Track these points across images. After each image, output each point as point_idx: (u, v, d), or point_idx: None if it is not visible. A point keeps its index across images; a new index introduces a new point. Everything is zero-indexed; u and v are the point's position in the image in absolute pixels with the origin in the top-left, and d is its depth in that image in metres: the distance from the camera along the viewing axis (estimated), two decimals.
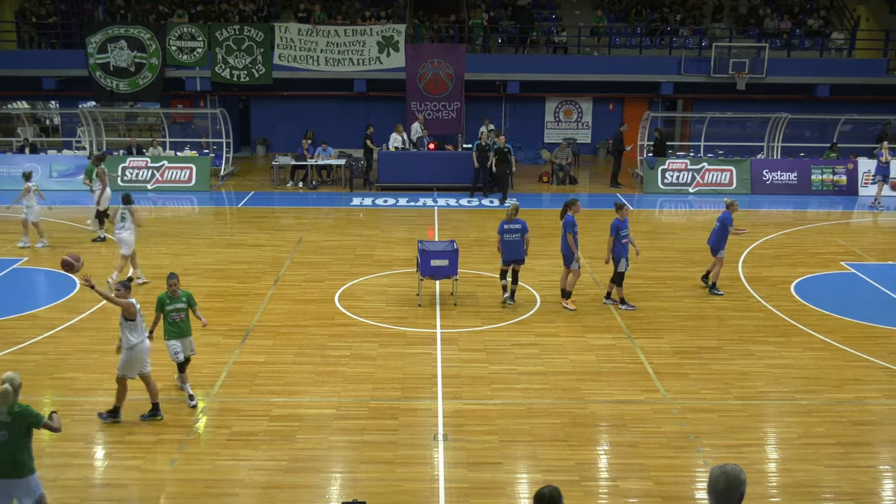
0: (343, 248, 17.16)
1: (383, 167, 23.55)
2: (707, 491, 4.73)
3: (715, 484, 4.66)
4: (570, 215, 13.31)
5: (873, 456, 9.11)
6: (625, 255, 13.25)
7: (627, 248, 13.29)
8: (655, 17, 30.21)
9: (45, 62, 27.39)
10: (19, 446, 6.82)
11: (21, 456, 6.83)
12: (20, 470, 6.81)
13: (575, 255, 13.24)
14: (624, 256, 13.25)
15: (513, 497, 8.24)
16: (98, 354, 11.43)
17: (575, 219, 13.33)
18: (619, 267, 13.33)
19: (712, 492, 4.67)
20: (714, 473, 4.69)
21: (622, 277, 13.46)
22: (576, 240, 13.23)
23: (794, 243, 17.86)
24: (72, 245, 16.97)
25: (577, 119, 29.90)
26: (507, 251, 13.42)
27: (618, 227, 13.20)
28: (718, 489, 4.64)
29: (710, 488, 4.69)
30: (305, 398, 10.22)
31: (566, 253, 13.40)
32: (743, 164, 23.67)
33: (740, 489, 4.65)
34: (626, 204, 13.84)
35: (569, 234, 13.20)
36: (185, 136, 27.91)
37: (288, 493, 8.17)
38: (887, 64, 28.00)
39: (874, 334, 12.61)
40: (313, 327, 12.56)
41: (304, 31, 26.91)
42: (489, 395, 10.36)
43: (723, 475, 4.65)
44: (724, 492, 4.63)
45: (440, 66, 26.69)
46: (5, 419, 6.82)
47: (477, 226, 19.46)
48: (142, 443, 9.06)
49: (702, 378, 10.93)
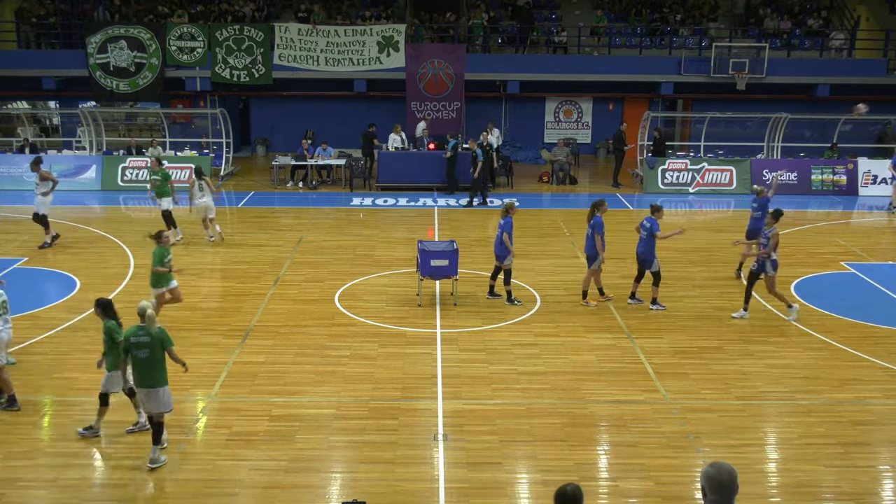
0: (343, 248, 17.16)
1: (383, 167, 23.56)
2: (708, 489, 4.66)
3: (718, 479, 4.62)
4: (599, 216, 13.47)
5: (873, 456, 9.11)
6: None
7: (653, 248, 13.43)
8: (655, 17, 30.21)
9: (45, 62, 27.39)
10: (158, 362, 8.41)
11: (158, 370, 8.42)
12: (157, 381, 8.41)
13: (600, 255, 13.38)
14: (656, 257, 13.43)
15: (513, 497, 8.24)
16: (98, 354, 11.40)
17: (603, 219, 13.47)
18: (654, 267, 13.42)
19: (718, 487, 4.61)
20: (711, 472, 4.65)
21: (659, 276, 13.58)
22: (602, 241, 13.36)
23: (794, 243, 17.85)
24: (71, 245, 16.97)
25: (577, 119, 29.90)
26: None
27: (651, 228, 13.32)
28: (724, 482, 4.60)
29: (712, 485, 4.63)
30: (305, 398, 10.22)
31: (591, 253, 13.54)
32: (743, 164, 23.67)
33: (737, 481, 4.65)
34: (661, 206, 13.80)
35: (598, 235, 13.30)
36: (185, 136, 27.92)
37: (288, 493, 8.17)
38: (887, 64, 27.99)
39: (874, 334, 12.61)
40: (313, 327, 12.56)
41: (304, 31, 26.91)
42: (489, 395, 10.36)
43: (723, 470, 4.63)
44: (729, 485, 4.61)
45: (440, 66, 26.70)
46: (147, 339, 8.35)
47: (477, 226, 19.46)
48: (142, 443, 9.06)
49: (702, 378, 10.93)
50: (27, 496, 8.11)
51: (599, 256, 13.34)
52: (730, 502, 4.63)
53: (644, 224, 13.38)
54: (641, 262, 13.51)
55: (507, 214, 13.51)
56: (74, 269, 15.25)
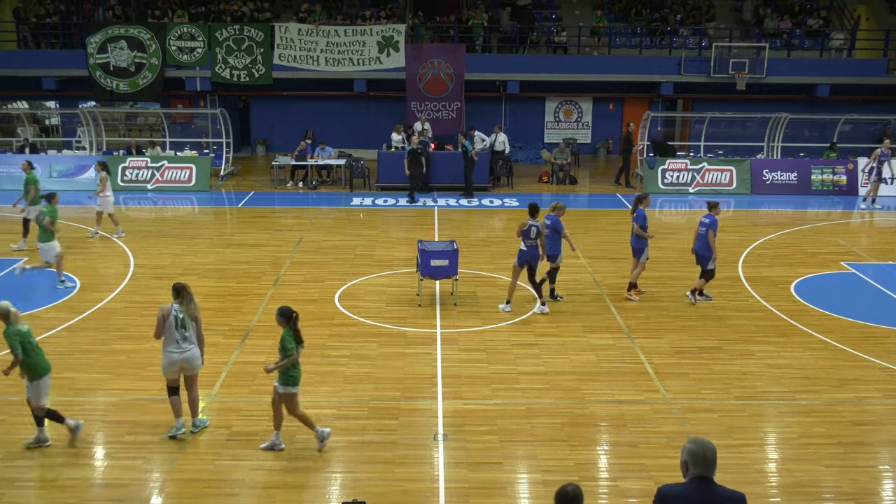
0: (343, 248, 17.16)
1: (383, 167, 23.55)
2: (691, 463, 5.01)
3: (702, 454, 4.98)
4: (642, 209, 13.75)
5: (873, 456, 9.11)
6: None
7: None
8: (655, 17, 30.21)
9: (45, 62, 27.40)
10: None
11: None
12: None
13: (646, 249, 13.76)
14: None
15: (513, 497, 8.23)
16: (98, 354, 11.44)
17: (646, 212, 13.78)
18: (710, 264, 13.54)
19: (702, 463, 4.97)
20: (693, 448, 5.01)
21: (713, 273, 13.73)
22: (645, 233, 13.68)
23: (794, 243, 17.86)
24: (71, 245, 16.98)
25: (577, 119, 29.91)
26: None
27: (709, 225, 13.41)
28: (707, 457, 4.98)
29: (696, 460, 4.98)
30: (305, 398, 10.19)
31: (637, 246, 13.81)
32: (743, 164, 23.67)
33: (715, 457, 5.02)
34: (718, 203, 13.91)
35: (639, 227, 13.61)
36: (185, 136, 27.93)
37: (288, 493, 8.16)
38: (887, 64, 27.99)
39: (874, 334, 12.61)
40: (313, 327, 12.54)
41: (304, 31, 26.92)
42: (489, 395, 10.36)
43: (705, 447, 5.00)
44: (711, 460, 4.99)
45: (440, 66, 26.70)
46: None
47: (477, 226, 19.46)
48: (142, 443, 9.06)
49: (702, 378, 10.93)
50: (27, 496, 8.11)
51: (646, 249, 13.73)
52: (711, 476, 5.01)
53: (703, 221, 13.52)
54: (700, 258, 13.63)
55: (639, 206, 13.67)
56: (74, 269, 15.24)
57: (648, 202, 13.97)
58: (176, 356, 8.94)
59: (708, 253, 13.43)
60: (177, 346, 8.92)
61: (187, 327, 8.98)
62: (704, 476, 4.99)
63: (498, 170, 24.08)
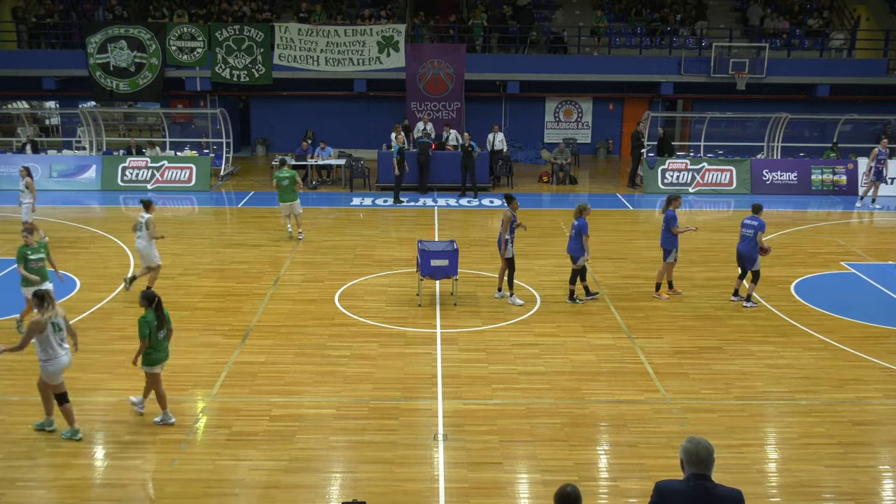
0: (343, 248, 17.16)
1: (383, 167, 23.55)
2: (686, 462, 5.10)
3: (696, 453, 5.07)
4: (672, 210, 13.80)
5: (873, 456, 9.11)
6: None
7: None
8: (655, 17, 30.21)
9: (45, 62, 27.40)
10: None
11: None
12: None
13: (675, 248, 13.86)
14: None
15: (513, 497, 8.23)
16: (98, 354, 11.43)
17: (676, 213, 13.84)
18: (755, 265, 13.54)
19: (696, 462, 5.06)
20: (689, 447, 5.09)
21: (759, 275, 13.74)
22: (675, 232, 13.75)
23: (794, 243, 17.86)
24: (72, 245, 16.97)
25: (577, 119, 29.91)
26: None
27: (757, 227, 13.41)
28: (701, 456, 5.06)
29: (690, 459, 5.08)
30: (305, 398, 10.22)
31: (666, 247, 13.88)
32: (743, 164, 23.67)
33: (713, 456, 5.11)
34: (762, 207, 13.85)
35: (673, 227, 13.68)
36: (185, 136, 27.92)
37: (288, 493, 8.16)
38: (887, 64, 28.00)
39: (874, 334, 12.61)
40: (313, 327, 12.55)
41: (304, 31, 26.92)
42: (489, 395, 10.36)
43: (700, 445, 5.09)
44: (706, 458, 5.07)
45: (440, 66, 26.70)
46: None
47: (477, 226, 19.47)
48: (142, 443, 9.06)
49: (702, 378, 10.93)
50: (27, 496, 8.10)
51: (675, 249, 13.80)
52: (708, 474, 5.09)
53: (747, 222, 13.53)
54: (746, 260, 13.58)
55: (581, 215, 13.62)
56: (74, 269, 15.24)
57: (679, 203, 13.96)
58: (66, 358, 9.07)
59: (755, 254, 13.42)
60: (62, 349, 9.03)
61: (63, 328, 9.12)
62: (701, 474, 5.07)
63: (498, 170, 24.09)
